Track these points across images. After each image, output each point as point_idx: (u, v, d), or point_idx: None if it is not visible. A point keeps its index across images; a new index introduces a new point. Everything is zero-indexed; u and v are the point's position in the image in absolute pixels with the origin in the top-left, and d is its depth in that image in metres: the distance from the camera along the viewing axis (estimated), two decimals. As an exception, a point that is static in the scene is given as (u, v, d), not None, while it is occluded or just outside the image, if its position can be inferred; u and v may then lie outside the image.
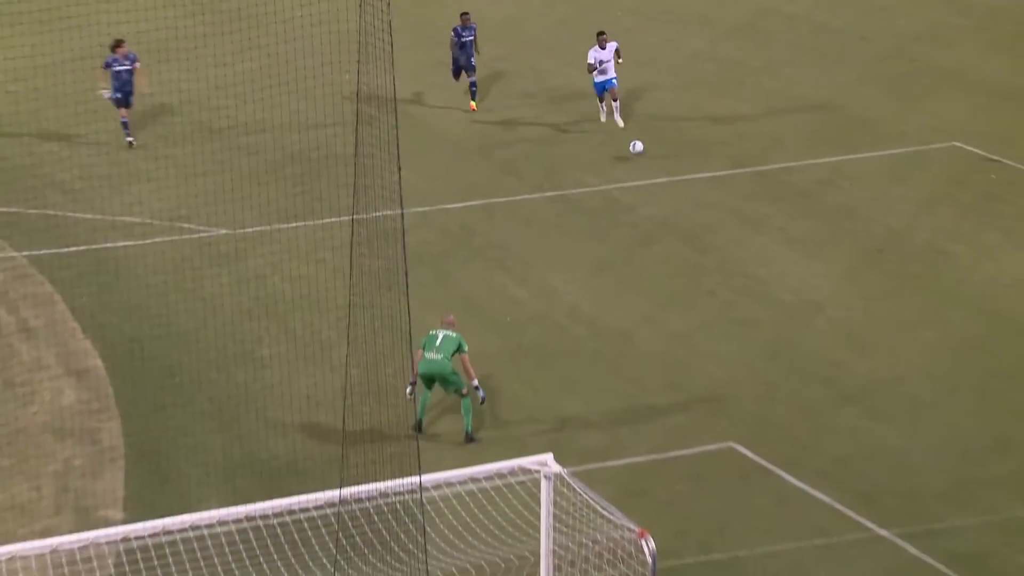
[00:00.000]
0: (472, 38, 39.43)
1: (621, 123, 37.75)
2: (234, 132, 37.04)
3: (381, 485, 19.37)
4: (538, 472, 19.65)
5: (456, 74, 39.88)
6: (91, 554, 19.51)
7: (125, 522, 22.63)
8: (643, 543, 18.50)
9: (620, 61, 37.86)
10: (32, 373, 27.72)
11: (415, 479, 19.03)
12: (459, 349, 25.65)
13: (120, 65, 36.23)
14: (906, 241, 33.37)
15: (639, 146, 36.36)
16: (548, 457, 19.63)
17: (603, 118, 38.15)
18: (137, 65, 36.37)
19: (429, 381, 25.60)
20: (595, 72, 37.46)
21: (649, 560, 18.46)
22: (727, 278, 31.77)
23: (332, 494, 19.36)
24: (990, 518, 24.03)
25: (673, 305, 30.75)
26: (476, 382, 25.81)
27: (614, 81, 37.62)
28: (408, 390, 25.32)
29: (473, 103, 39.67)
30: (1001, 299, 30.85)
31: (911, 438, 26.15)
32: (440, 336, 25.72)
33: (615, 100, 37.67)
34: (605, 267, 32.33)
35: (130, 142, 36.66)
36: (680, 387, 27.67)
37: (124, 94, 36.48)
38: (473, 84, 39.67)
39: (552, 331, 29.72)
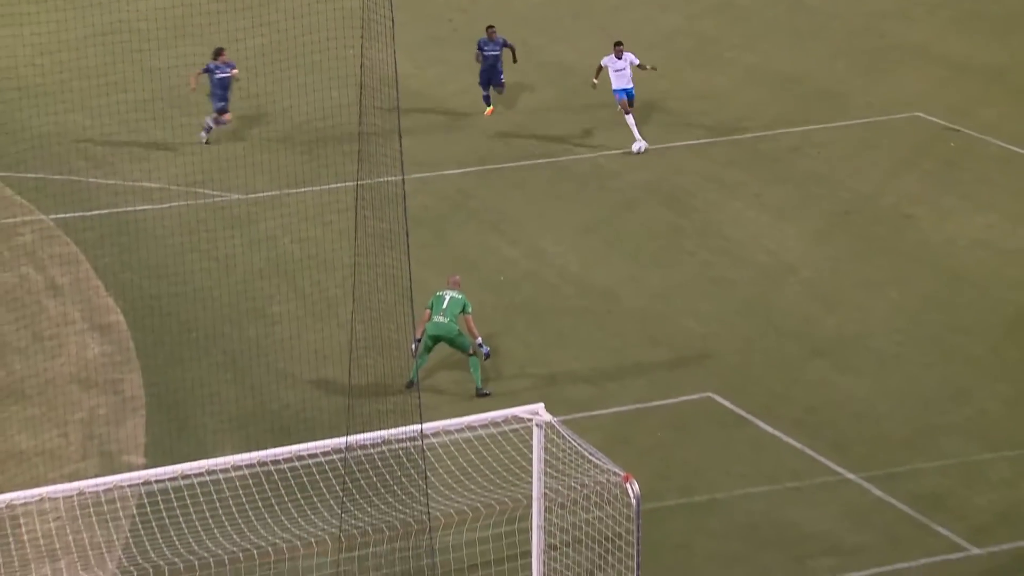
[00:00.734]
0: (498, 52, 36.87)
1: (640, 146, 35.37)
2: (246, 103, 36.92)
3: (385, 433, 19.39)
4: (530, 421, 19.66)
5: (485, 85, 37.28)
6: (115, 496, 19.52)
7: (146, 467, 22.65)
8: (628, 486, 18.53)
9: (648, 67, 35.84)
10: (59, 328, 27.70)
11: (416, 427, 19.05)
12: (464, 310, 25.61)
13: (221, 72, 35.37)
14: (872, 205, 33.35)
15: (640, 145, 35.49)
16: (539, 407, 19.64)
17: (637, 146, 35.40)
18: (235, 72, 35.32)
19: (435, 341, 25.53)
20: (603, 76, 35.59)
21: (633, 502, 18.49)
22: (705, 240, 31.74)
23: (339, 441, 19.37)
24: (948, 462, 24.09)
25: (655, 265, 30.74)
26: (480, 340, 25.78)
27: (633, 92, 35.63)
28: (413, 347, 25.29)
29: (489, 107, 37.48)
30: (959, 259, 30.86)
31: (877, 389, 26.18)
32: (446, 299, 25.62)
33: (627, 112, 35.46)
34: (592, 229, 32.29)
35: (205, 140, 35.40)
36: (662, 341, 27.68)
37: (224, 100, 35.33)
38: (489, 94, 37.27)
39: (543, 289, 29.71)
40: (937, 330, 28.09)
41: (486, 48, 37.04)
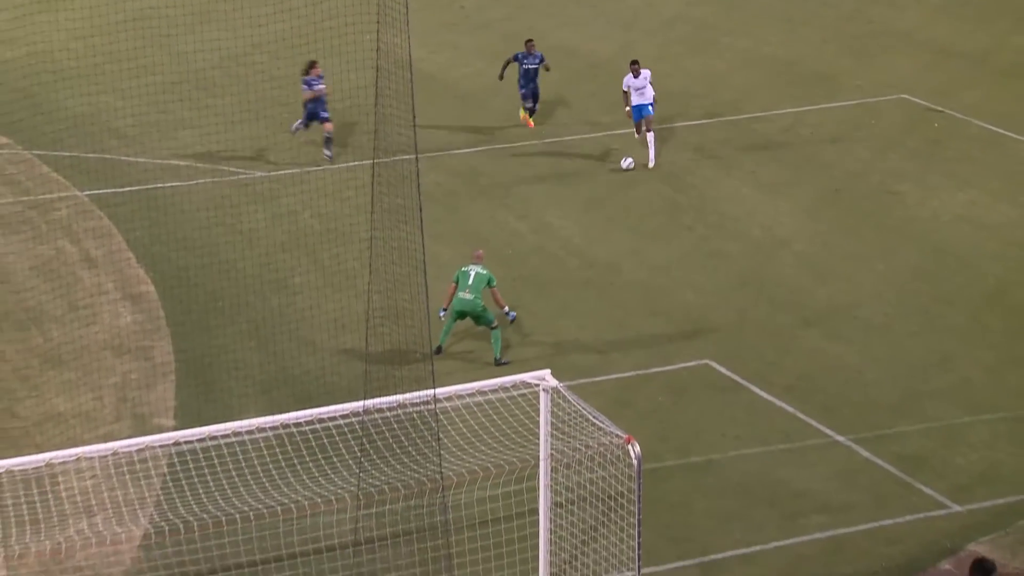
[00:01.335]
0: (536, 66, 35.61)
1: (652, 161, 33.78)
2: (269, 85, 36.87)
3: (400, 397, 19.43)
4: (537, 386, 19.67)
5: (525, 99, 35.89)
6: (146, 456, 19.60)
7: (176, 429, 22.74)
8: (629, 448, 18.59)
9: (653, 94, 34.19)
10: (93, 297, 27.78)
11: (430, 392, 19.11)
12: (489, 284, 25.73)
13: (316, 85, 34.14)
14: (861, 183, 33.35)
15: (629, 162, 34.04)
16: (546, 373, 19.68)
17: (650, 161, 33.83)
18: (324, 87, 33.88)
19: (461, 316, 25.66)
20: (631, 96, 34.07)
21: (635, 462, 18.55)
22: (703, 215, 31.77)
23: (356, 405, 19.43)
24: (932, 425, 24.15)
25: (655, 239, 30.77)
26: (507, 308, 26.00)
27: (650, 109, 34.05)
28: (441, 314, 25.60)
29: (530, 120, 36.00)
30: (943, 233, 30.89)
31: (865, 356, 26.24)
32: (472, 274, 25.71)
33: (649, 131, 34.02)
34: (595, 205, 32.32)
35: (328, 156, 33.80)
36: (661, 312, 27.73)
37: (318, 111, 33.93)
38: (534, 109, 36.00)
39: (548, 262, 29.76)
40: (922, 301, 28.13)
41: (526, 61, 35.73)
